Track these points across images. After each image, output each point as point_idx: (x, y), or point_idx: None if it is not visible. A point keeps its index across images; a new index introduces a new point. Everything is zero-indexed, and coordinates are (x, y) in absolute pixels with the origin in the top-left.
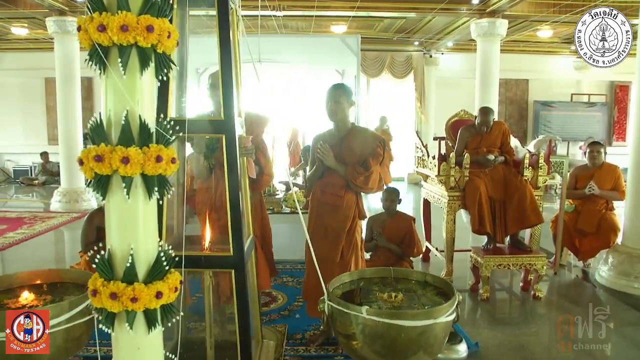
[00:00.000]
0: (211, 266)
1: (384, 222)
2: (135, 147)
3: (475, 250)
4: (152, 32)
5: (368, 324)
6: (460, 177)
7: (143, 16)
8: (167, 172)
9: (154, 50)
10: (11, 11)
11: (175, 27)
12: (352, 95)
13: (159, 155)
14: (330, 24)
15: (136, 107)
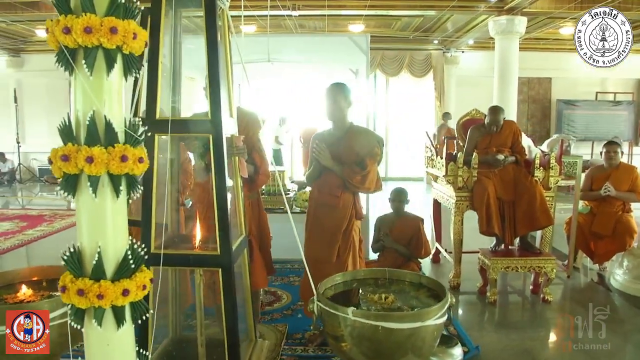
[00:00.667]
0: (199, 264)
1: (391, 223)
2: (99, 147)
3: (483, 252)
4: (116, 34)
5: (356, 326)
6: (469, 177)
7: (107, 18)
8: (135, 171)
9: (120, 51)
10: (34, 14)
11: (166, 28)
12: (350, 94)
13: (124, 155)
14: (347, 23)
15: (102, 108)
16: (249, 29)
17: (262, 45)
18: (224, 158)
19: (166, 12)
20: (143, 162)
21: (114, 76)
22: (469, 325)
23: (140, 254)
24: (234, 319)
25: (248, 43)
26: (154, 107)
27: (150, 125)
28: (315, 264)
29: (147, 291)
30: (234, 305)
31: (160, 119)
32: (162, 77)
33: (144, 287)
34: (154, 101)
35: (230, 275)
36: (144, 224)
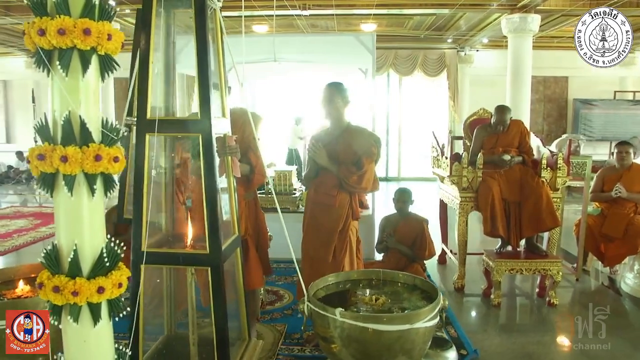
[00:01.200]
0: (188, 263)
1: (395, 224)
2: (74, 147)
3: (488, 254)
4: (89, 35)
5: (345, 327)
6: (474, 177)
7: (80, 20)
8: (110, 170)
9: (96, 52)
10: None
11: (159, 28)
12: (347, 94)
13: (97, 155)
14: (359, 22)
15: (78, 108)
16: (260, 28)
17: (269, 45)
18: (213, 157)
19: (158, 12)
20: (119, 161)
21: (89, 77)
22: (471, 328)
23: (117, 253)
24: (224, 317)
25: (254, 42)
26: (144, 107)
27: (141, 125)
28: (311, 264)
29: (123, 289)
30: (224, 304)
31: (151, 119)
32: (155, 76)
33: (119, 285)
34: (145, 101)
35: (219, 274)
36: (135, 223)
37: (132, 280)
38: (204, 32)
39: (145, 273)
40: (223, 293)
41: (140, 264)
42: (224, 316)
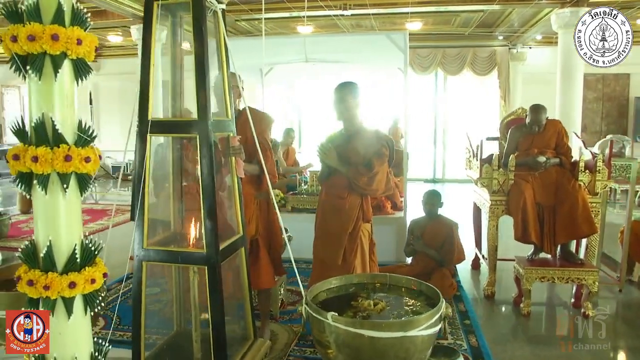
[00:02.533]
0: (186, 262)
1: (424, 226)
2: (45, 147)
3: (519, 260)
4: (57, 41)
5: (340, 333)
6: (505, 180)
7: (49, 26)
8: (82, 170)
9: (67, 56)
10: (103, 21)
11: (162, 32)
12: (359, 94)
13: (67, 155)
14: (404, 21)
15: (50, 111)
16: (305, 29)
17: (299, 46)
18: (210, 158)
19: (163, 16)
20: (90, 162)
21: (63, 81)
22: (496, 337)
23: (91, 249)
24: (220, 315)
25: (286, 44)
26: (146, 109)
27: (143, 126)
28: (321, 266)
29: (96, 285)
30: (221, 303)
31: (152, 120)
32: (159, 79)
33: (92, 281)
34: (146, 103)
35: (216, 274)
36: (137, 221)
37: (134, 277)
38: (201, 34)
39: (148, 270)
40: (220, 292)
41: (142, 261)
42: (221, 315)
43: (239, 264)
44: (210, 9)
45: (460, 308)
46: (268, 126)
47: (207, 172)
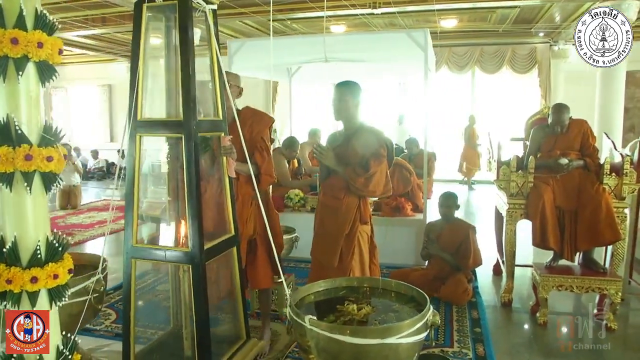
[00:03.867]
0: (171, 260)
1: (440, 229)
2: (7, 147)
3: (537, 267)
4: (17, 45)
5: (320, 338)
6: (524, 182)
7: (9, 30)
8: (44, 169)
9: (29, 59)
10: None
11: (157, 33)
12: (359, 93)
13: (28, 154)
14: (438, 18)
15: (14, 112)
16: (338, 28)
17: (319, 45)
18: (193, 157)
19: (158, 18)
20: (52, 161)
21: (28, 83)
22: (507, 348)
23: (55, 246)
24: (204, 314)
25: (305, 43)
26: (136, 109)
27: (133, 125)
28: (319, 268)
29: (60, 280)
30: (204, 301)
31: (142, 120)
32: (154, 80)
33: (55, 277)
34: (136, 103)
35: (199, 272)
36: (126, 220)
37: (124, 273)
38: (186, 35)
39: (136, 267)
40: (204, 291)
41: (131, 258)
42: (205, 313)
43: (231, 264)
44: (197, 9)
45: (472, 315)
46: (266, 126)
47: (192, 172)
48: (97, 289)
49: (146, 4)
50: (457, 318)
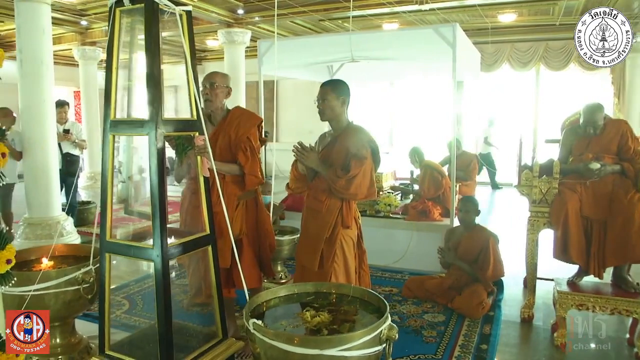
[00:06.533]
0: (136, 256)
1: (459, 237)
2: None
3: (558, 282)
4: None
5: (265, 345)
6: (549, 188)
7: None
8: None
9: None
10: (199, 27)
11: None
12: (344, 92)
13: None
14: (496, 13)
15: None
16: (390, 26)
17: (345, 44)
18: (156, 156)
19: (127, 20)
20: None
21: None
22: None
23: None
24: (167, 310)
25: (331, 42)
26: (108, 110)
27: (107, 126)
28: (302, 272)
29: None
30: (167, 297)
31: (114, 120)
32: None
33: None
34: (109, 104)
35: (161, 269)
36: (102, 216)
37: (100, 267)
38: (151, 36)
39: (108, 261)
40: (167, 287)
41: (105, 252)
42: (168, 309)
43: (206, 262)
44: (166, 11)
45: (484, 330)
46: (253, 126)
47: (155, 170)
48: (87, 279)
49: (119, 8)
50: (465, 332)
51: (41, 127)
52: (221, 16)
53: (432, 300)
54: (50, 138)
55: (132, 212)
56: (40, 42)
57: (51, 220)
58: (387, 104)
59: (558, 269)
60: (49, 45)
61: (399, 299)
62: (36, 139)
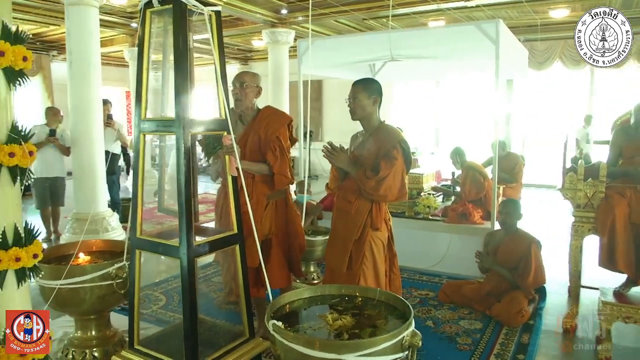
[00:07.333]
0: (164, 253)
1: (499, 241)
2: None
3: (603, 292)
4: None
5: (284, 347)
6: (594, 192)
7: None
8: (8, 163)
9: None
10: (238, 28)
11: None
12: (375, 90)
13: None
14: (547, 9)
15: None
16: (435, 24)
17: (384, 43)
18: (187, 156)
19: (158, 21)
20: (15, 156)
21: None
22: None
23: (19, 233)
24: (192, 307)
25: (369, 41)
26: (139, 109)
27: (138, 124)
28: (331, 274)
29: (21, 263)
30: (193, 295)
31: (144, 120)
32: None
33: (17, 259)
34: (140, 103)
35: (187, 266)
36: (132, 213)
37: (130, 263)
38: (179, 37)
39: (138, 257)
40: (192, 284)
41: (135, 248)
42: (194, 307)
43: (235, 261)
44: (194, 12)
45: (522, 339)
46: (282, 125)
47: (183, 169)
48: (120, 275)
49: (149, 9)
50: (502, 341)
51: (88, 125)
52: (265, 16)
53: (469, 307)
54: (97, 136)
55: (165, 210)
56: (89, 44)
57: (97, 216)
58: (432, 103)
59: (605, 278)
60: (97, 47)
61: (435, 304)
62: (83, 137)
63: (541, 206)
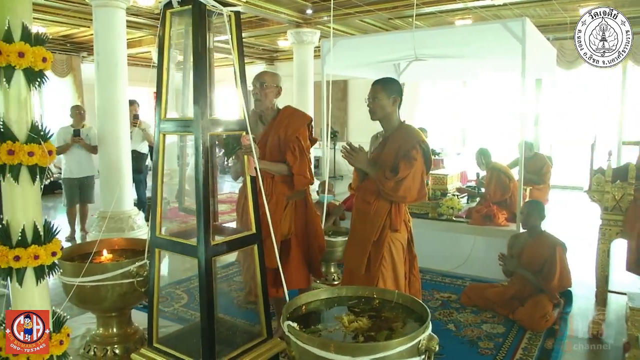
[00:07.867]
0: (182, 252)
1: (523, 244)
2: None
3: (631, 297)
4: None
5: (299, 348)
6: (623, 195)
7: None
8: (27, 162)
9: (14, 68)
10: (264, 28)
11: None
12: (395, 90)
13: (10, 150)
14: (577, 6)
15: (4, 112)
16: (462, 22)
17: (408, 42)
18: (205, 155)
19: (178, 21)
20: (34, 155)
21: (19, 87)
22: None
23: (38, 231)
24: (209, 306)
25: (393, 40)
26: (159, 109)
27: (159, 124)
28: (350, 275)
29: (40, 261)
30: (210, 294)
31: (164, 120)
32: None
33: (36, 257)
34: (160, 103)
35: (203, 265)
36: (152, 212)
37: (150, 262)
38: (197, 37)
39: (157, 256)
40: (209, 284)
41: (155, 247)
42: (210, 306)
43: (254, 261)
44: (214, 12)
45: (546, 345)
46: (302, 125)
47: (202, 169)
48: (141, 273)
49: (169, 10)
50: (525, 346)
51: (114, 125)
52: (290, 17)
53: (492, 310)
54: (123, 136)
55: (186, 210)
56: (115, 45)
57: (123, 214)
58: (459, 103)
59: (634, 282)
60: (123, 48)
61: (457, 307)
62: (110, 136)
63: (569, 208)
